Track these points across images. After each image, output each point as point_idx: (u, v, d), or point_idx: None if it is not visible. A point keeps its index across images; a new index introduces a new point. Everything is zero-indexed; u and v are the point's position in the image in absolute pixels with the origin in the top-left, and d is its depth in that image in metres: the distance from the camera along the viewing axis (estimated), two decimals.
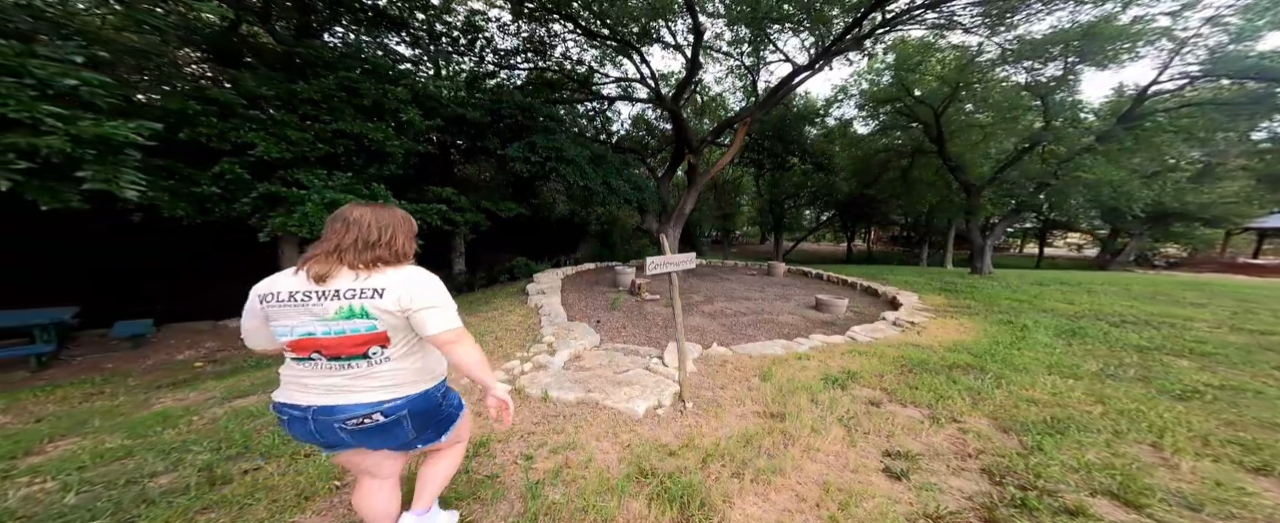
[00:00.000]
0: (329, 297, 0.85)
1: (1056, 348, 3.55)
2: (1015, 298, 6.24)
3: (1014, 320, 4.52)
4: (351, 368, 0.88)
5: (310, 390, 0.89)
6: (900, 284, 8.50)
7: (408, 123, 5.58)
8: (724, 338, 4.67)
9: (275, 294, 0.87)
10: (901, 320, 4.78)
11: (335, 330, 0.85)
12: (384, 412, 0.89)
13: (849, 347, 3.80)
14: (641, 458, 1.84)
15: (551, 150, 6.99)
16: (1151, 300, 6.24)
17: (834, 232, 24.82)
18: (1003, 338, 3.81)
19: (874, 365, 3.13)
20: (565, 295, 7.11)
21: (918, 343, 3.82)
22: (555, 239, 15.35)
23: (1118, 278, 9.81)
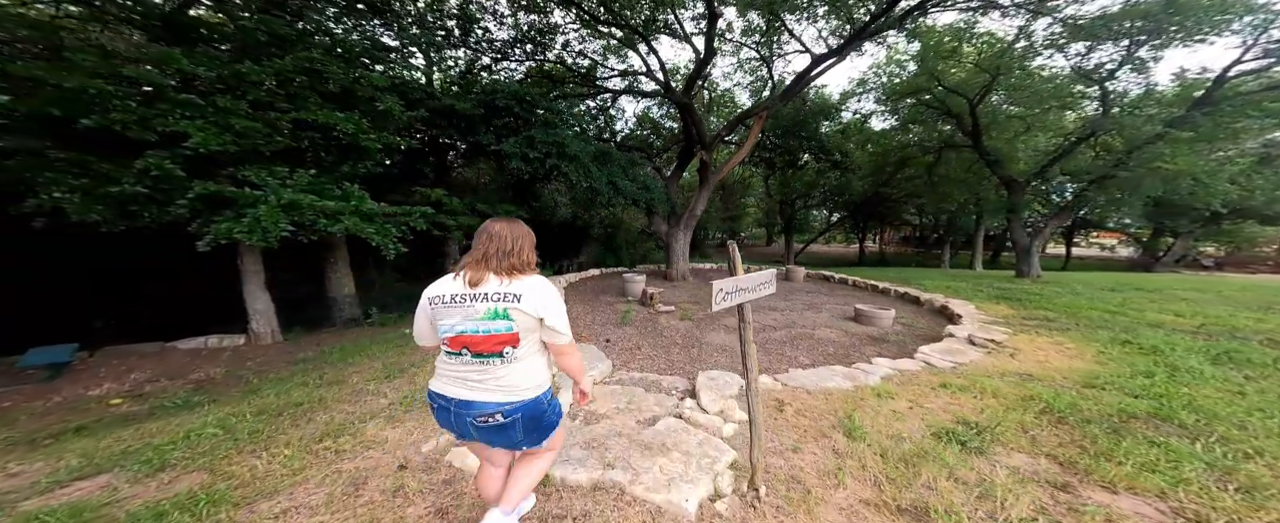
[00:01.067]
0: (479, 299, 1.01)
1: (1235, 382, 2.65)
2: (1100, 308, 5.31)
3: (1132, 339, 3.63)
4: (488, 365, 1.02)
5: (459, 383, 1.04)
6: (941, 290, 7.58)
7: (386, 113, 4.82)
8: (761, 362, 3.81)
9: (441, 296, 1.04)
10: (977, 338, 3.89)
11: (483, 329, 1.00)
12: (504, 413, 1.03)
13: (935, 377, 2.93)
14: None
15: (552, 146, 6.21)
16: (1268, 310, 5.30)
17: (845, 233, 23.90)
18: (1142, 366, 2.92)
19: (997, 410, 2.27)
20: (568, 308, 6.28)
21: (1027, 372, 2.94)
22: (557, 243, 14.58)
23: (1189, 282, 8.84)
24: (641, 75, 9.15)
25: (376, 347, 4.60)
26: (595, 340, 4.57)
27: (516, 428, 1.05)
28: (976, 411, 2.28)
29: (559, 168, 6.27)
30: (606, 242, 16.51)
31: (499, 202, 7.66)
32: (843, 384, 2.83)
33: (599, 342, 4.53)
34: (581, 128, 10.26)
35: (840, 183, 15.75)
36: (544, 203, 13.99)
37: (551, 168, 6.28)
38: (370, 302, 7.06)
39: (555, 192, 13.83)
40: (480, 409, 1.02)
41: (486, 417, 1.02)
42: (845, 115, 13.73)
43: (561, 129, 6.68)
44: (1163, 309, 5.18)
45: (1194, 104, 6.85)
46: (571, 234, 15.60)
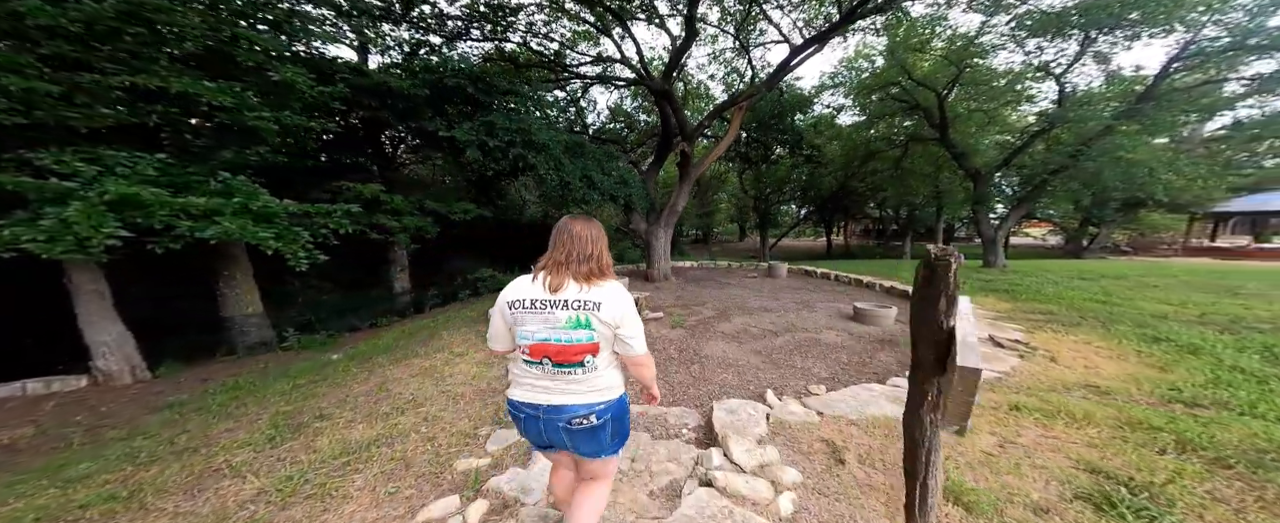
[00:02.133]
0: (561, 306, 0.96)
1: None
2: (1090, 299, 5.30)
3: (1161, 336, 3.42)
4: (571, 374, 0.99)
5: (543, 391, 1.01)
6: None
7: (286, 87, 3.67)
8: (773, 378, 3.25)
9: (521, 301, 1.00)
10: (1000, 338, 3.55)
11: (565, 338, 0.96)
12: (597, 414, 1.00)
13: (996, 395, 2.47)
14: None
15: (516, 134, 5.27)
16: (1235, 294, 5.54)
17: (812, 227, 24.59)
18: (1207, 372, 2.61)
19: (1120, 447, 1.77)
20: None
21: (1090, 383, 2.57)
22: (527, 244, 13.44)
23: (1136, 266, 9.54)
24: (616, 62, 8.35)
25: (280, 383, 3.50)
26: None
27: (607, 430, 1.04)
28: (1091, 446, 1.79)
29: (525, 159, 5.35)
30: None
31: (455, 200, 6.54)
32: (891, 410, 2.27)
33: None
34: (549, 118, 9.29)
35: (811, 178, 15.89)
36: (511, 201, 12.77)
37: (516, 159, 5.34)
38: (289, 320, 5.73)
39: (522, 188, 12.67)
40: (573, 412, 0.99)
41: (582, 419, 1.00)
42: (821, 109, 13.78)
43: (527, 115, 5.74)
44: (1151, 298, 5.27)
45: (1138, 99, 7.30)
46: (542, 234, 14.43)
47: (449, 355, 3.79)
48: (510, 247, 12.46)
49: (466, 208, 6.40)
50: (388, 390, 2.93)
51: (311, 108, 4.39)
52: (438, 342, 4.44)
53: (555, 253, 1.01)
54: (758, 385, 3.16)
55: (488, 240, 11.11)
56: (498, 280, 8.80)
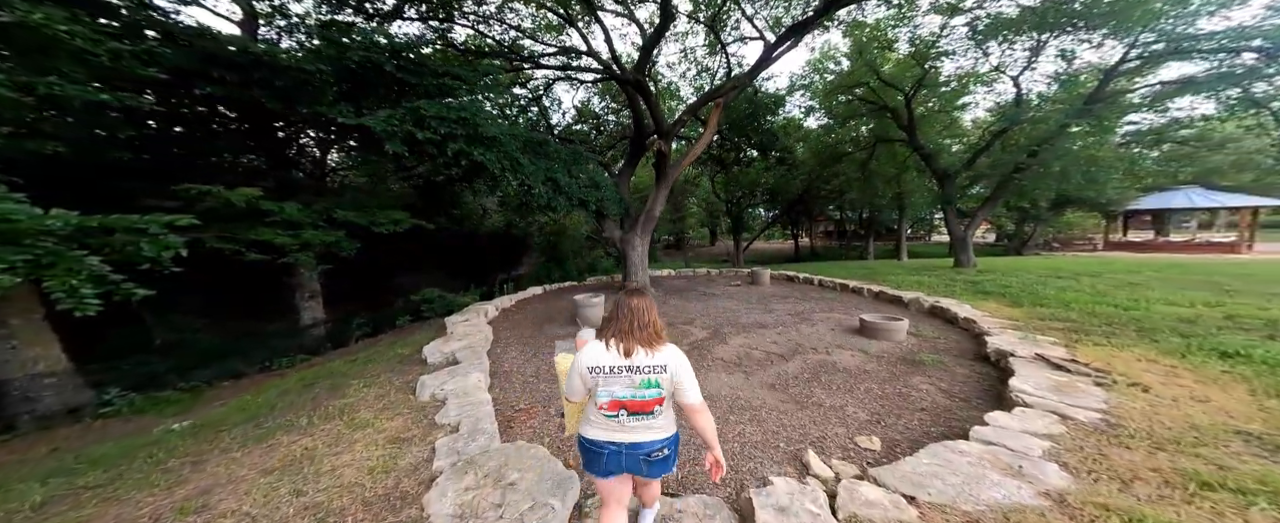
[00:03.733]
0: (635, 371, 1.19)
1: None
2: (1093, 301, 5.11)
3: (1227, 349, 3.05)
4: (645, 419, 1.24)
5: (623, 432, 1.24)
6: (913, 286, 7.30)
7: (46, 38, 2.41)
8: (804, 425, 2.52)
9: (602, 367, 1.21)
10: (1057, 359, 3.03)
11: (639, 395, 1.21)
12: (667, 446, 1.27)
13: (1145, 459, 1.84)
14: None
15: (455, 125, 4.20)
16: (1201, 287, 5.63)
17: (780, 230, 24.97)
18: None
19: None
20: (500, 353, 4.33)
21: (1239, 429, 1.99)
22: (488, 258, 12.03)
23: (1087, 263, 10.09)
24: (583, 54, 7.47)
25: (32, 488, 2.19)
26: (541, 419, 2.80)
27: (672, 457, 1.31)
28: None
29: (469, 156, 4.28)
30: (549, 250, 14.31)
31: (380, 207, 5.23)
32: (1019, 492, 1.54)
33: (553, 421, 2.77)
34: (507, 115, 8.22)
35: (781, 180, 15.90)
36: (468, 210, 11.34)
37: (457, 155, 4.26)
38: (128, 373, 4.17)
39: (479, 196, 11.32)
40: (652, 447, 1.25)
41: (657, 452, 1.25)
42: (792, 111, 13.76)
43: (473, 105, 4.68)
44: (1150, 297, 5.13)
45: (1086, 100, 7.69)
46: (506, 245, 13.12)
47: (346, 426, 2.67)
48: (470, 261, 11.01)
49: (396, 218, 5.12)
50: (206, 509, 1.80)
51: (112, 77, 3.08)
52: (340, 398, 3.26)
53: (620, 323, 1.24)
54: (789, 440, 2.37)
55: (444, 255, 9.65)
56: (448, 302, 7.46)
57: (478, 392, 2.96)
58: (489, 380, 3.45)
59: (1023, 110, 8.53)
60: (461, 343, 4.16)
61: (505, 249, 13.03)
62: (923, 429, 2.39)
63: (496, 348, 4.54)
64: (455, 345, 4.07)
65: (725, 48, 8.51)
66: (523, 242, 13.86)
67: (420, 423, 2.67)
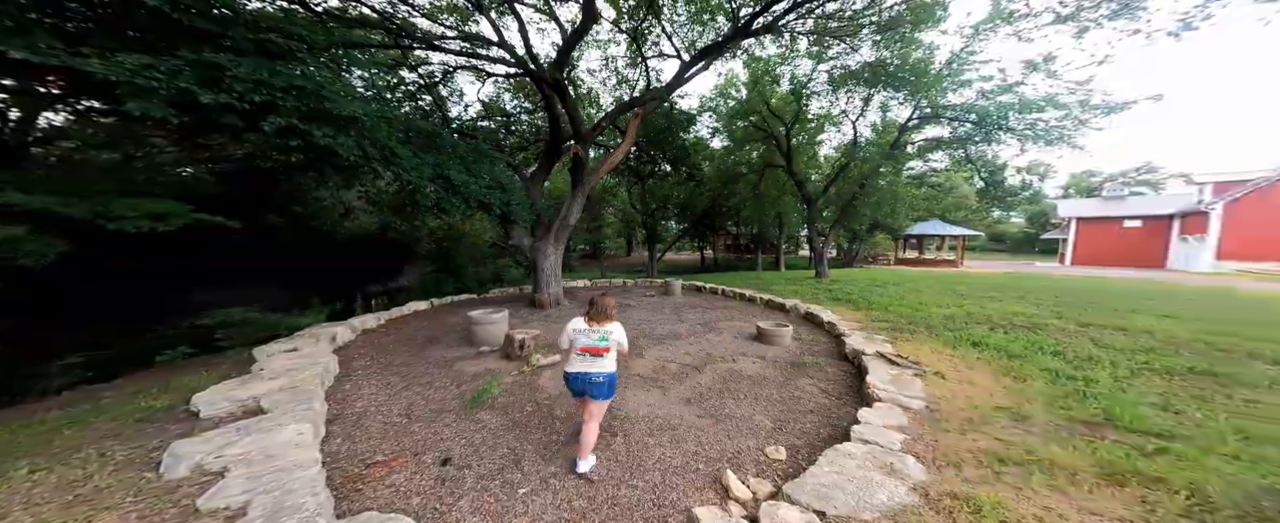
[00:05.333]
0: (595, 332, 2.25)
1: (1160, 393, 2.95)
2: (899, 304, 6.83)
3: (978, 340, 4.35)
4: (597, 361, 2.24)
5: (586, 365, 2.24)
6: (791, 295, 8.67)
7: None
8: (720, 441, 2.61)
9: (581, 330, 2.27)
10: (893, 355, 3.87)
11: (596, 344, 2.23)
12: (605, 376, 2.23)
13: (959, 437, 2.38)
14: None
15: (282, 93, 3.12)
16: (950, 293, 8.14)
17: (690, 242, 27.23)
18: (1045, 378, 3.25)
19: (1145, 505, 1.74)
20: (350, 390, 3.39)
21: (1000, 406, 2.79)
22: (354, 266, 9.53)
23: (889, 274, 13.71)
24: (493, 45, 6.66)
25: None
26: (409, 488, 2.21)
27: (606, 385, 2.24)
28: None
29: (308, 138, 3.25)
30: (440, 259, 12.27)
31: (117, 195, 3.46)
32: (903, 495, 1.83)
33: (428, 474, 2.21)
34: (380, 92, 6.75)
35: (691, 195, 17.36)
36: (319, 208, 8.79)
37: (284, 134, 3.19)
38: None
39: (336, 190, 8.99)
40: (597, 376, 2.22)
41: (600, 379, 2.22)
42: (702, 131, 15.10)
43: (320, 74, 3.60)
44: (927, 301, 7.11)
45: (893, 145, 10.70)
46: (380, 253, 10.67)
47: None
48: (323, 273, 8.46)
49: (156, 211, 3.43)
50: None
51: None
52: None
53: (593, 309, 2.30)
54: (707, 459, 2.39)
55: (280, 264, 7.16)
56: (266, 325, 5.53)
57: (291, 451, 2.17)
58: (321, 431, 2.61)
59: (857, 150, 11.34)
60: (274, 383, 3.11)
61: (378, 257, 10.59)
62: (815, 431, 2.72)
63: (346, 384, 3.55)
64: (263, 387, 3.00)
65: (646, 61, 8.82)
66: (405, 248, 11.53)
67: (164, 513, 1.75)
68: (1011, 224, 37.18)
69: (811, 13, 7.11)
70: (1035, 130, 8.54)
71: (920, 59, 8.64)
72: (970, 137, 9.74)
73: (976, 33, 8.07)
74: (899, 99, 10.05)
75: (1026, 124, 8.62)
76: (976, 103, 9.04)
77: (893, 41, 8.12)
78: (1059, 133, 8.39)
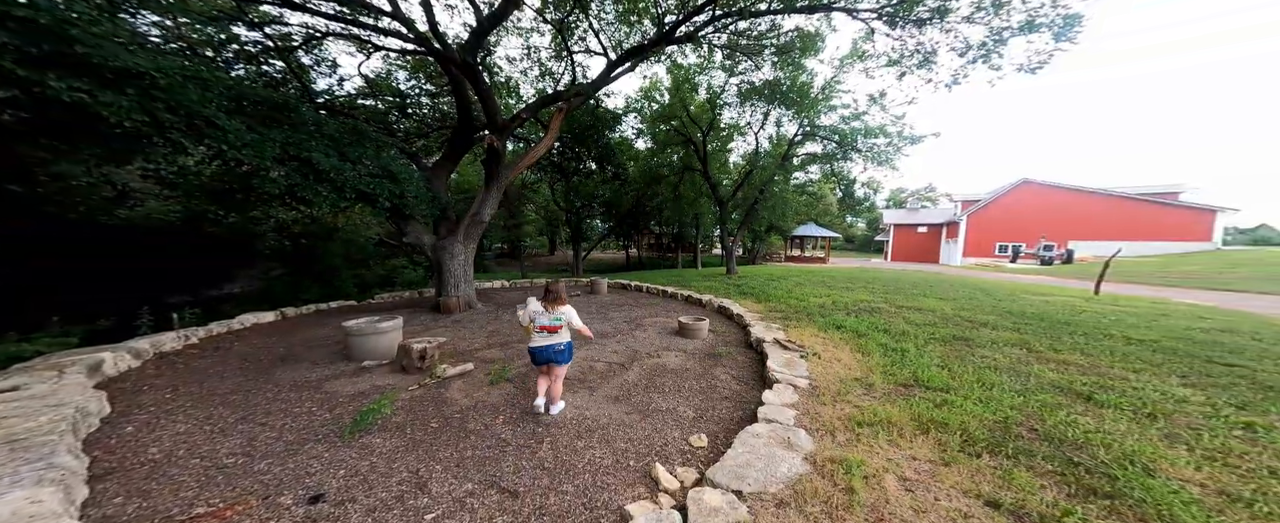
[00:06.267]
0: (551, 313, 2.80)
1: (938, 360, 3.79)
2: (788, 296, 8.00)
3: (838, 324, 5.32)
4: (553, 337, 2.79)
5: (545, 340, 2.79)
6: (706, 290, 9.47)
7: None
8: (648, 436, 2.72)
9: (539, 311, 2.82)
10: (784, 341, 4.52)
11: (552, 323, 2.79)
12: (561, 346, 2.81)
13: (833, 407, 2.88)
14: None
15: None
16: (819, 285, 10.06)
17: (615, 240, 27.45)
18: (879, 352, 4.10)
19: (947, 451, 2.28)
20: (144, 434, 2.68)
21: (857, 377, 3.44)
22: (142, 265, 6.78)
23: (782, 270, 16.17)
24: (384, 15, 5.50)
25: None
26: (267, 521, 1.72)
27: (566, 352, 2.83)
28: (942, 461, 2.17)
29: (37, 86, 2.24)
30: (302, 260, 9.75)
31: None
32: (799, 465, 2.13)
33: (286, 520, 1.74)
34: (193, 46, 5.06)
35: (615, 195, 17.52)
36: (73, 188, 5.99)
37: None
38: None
39: (101, 167, 6.41)
40: (557, 346, 2.78)
41: (561, 348, 2.79)
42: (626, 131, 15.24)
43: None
44: (804, 293, 8.55)
45: (783, 158, 12.73)
46: (190, 250, 7.92)
47: None
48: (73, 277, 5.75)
49: None
50: None
51: None
52: None
53: (548, 296, 2.82)
54: (638, 455, 2.42)
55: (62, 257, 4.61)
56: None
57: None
58: (78, 492, 1.88)
59: (759, 158, 13.09)
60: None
61: (183, 257, 7.82)
62: (730, 416, 2.99)
63: (126, 426, 2.71)
64: None
65: (572, 55, 8.50)
66: (236, 246, 8.79)
67: None
68: (858, 229, 47.99)
69: (726, 29, 7.81)
70: (873, 152, 11.20)
71: (804, 82, 10.43)
72: (834, 154, 12.22)
73: (842, 65, 9.99)
74: (789, 116, 11.96)
75: (868, 146, 11.23)
76: (839, 126, 11.41)
77: (786, 65, 9.49)
78: (885, 156, 11.15)
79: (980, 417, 2.68)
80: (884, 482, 1.99)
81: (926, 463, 2.19)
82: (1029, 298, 7.70)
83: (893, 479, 2.02)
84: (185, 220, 7.95)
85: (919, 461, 2.21)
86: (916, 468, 2.14)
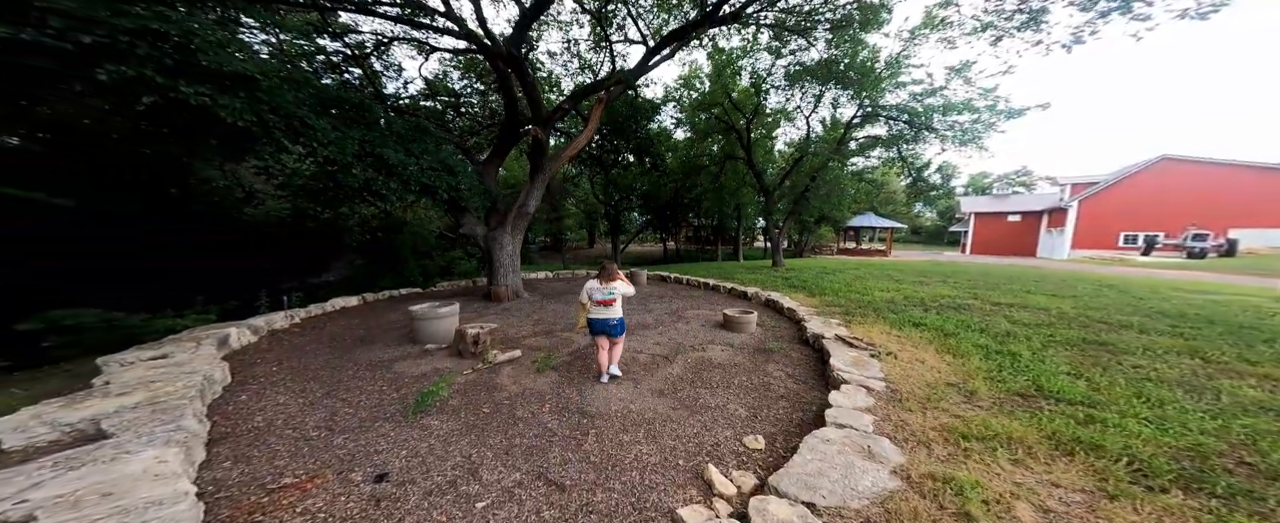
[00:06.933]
0: (605, 290, 3.23)
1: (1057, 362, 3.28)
2: (847, 290, 7.28)
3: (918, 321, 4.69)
4: (609, 310, 3.25)
5: (604, 313, 3.25)
6: (752, 283, 8.98)
7: None
8: (697, 433, 2.51)
9: (596, 287, 3.25)
10: (849, 337, 4.05)
11: (607, 297, 3.23)
12: (618, 320, 3.30)
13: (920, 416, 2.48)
14: None
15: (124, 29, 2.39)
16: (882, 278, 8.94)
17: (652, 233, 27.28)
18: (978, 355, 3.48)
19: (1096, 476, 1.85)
20: (249, 401, 2.86)
21: (949, 382, 2.96)
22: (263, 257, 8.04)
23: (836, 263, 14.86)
24: (438, 15, 5.80)
25: None
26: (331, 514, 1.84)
27: (618, 325, 3.28)
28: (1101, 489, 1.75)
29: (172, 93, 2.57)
30: (381, 251, 10.91)
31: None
32: (886, 479, 1.84)
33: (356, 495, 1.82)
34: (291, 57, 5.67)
35: (655, 185, 17.28)
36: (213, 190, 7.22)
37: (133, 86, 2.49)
38: None
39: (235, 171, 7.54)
40: (612, 320, 3.24)
41: (614, 321, 3.25)
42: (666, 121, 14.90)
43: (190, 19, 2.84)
44: (868, 287, 7.67)
45: (839, 142, 11.51)
46: (298, 243, 9.17)
47: None
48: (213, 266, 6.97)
49: None
50: None
51: None
52: None
53: (603, 275, 3.26)
54: (686, 453, 2.27)
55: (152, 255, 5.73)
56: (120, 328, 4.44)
57: (146, 486, 1.61)
58: (198, 455, 2.12)
59: (810, 143, 11.99)
60: (124, 400, 2.43)
61: (293, 249, 9.08)
62: (788, 417, 2.71)
63: (241, 395, 2.97)
64: (107, 405, 2.36)
65: (610, 45, 8.39)
66: (330, 240, 10.03)
67: None
68: (926, 218, 42.59)
69: (773, 5, 7.18)
70: (955, 131, 9.62)
71: (865, 59, 9.27)
72: (902, 135, 10.75)
73: (913, 37, 8.74)
74: (847, 97, 10.74)
75: (948, 125, 9.67)
76: (908, 104, 9.97)
77: (842, 41, 8.55)
78: (972, 134, 9.53)
79: (1156, 441, 2.15)
80: (1016, 512, 1.63)
81: (1077, 493, 1.77)
82: (1184, 296, 6.33)
83: (1028, 510, 1.65)
84: (293, 217, 9.25)
85: (1065, 489, 1.80)
86: (1063, 499, 1.74)
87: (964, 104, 9.24)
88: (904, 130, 10.49)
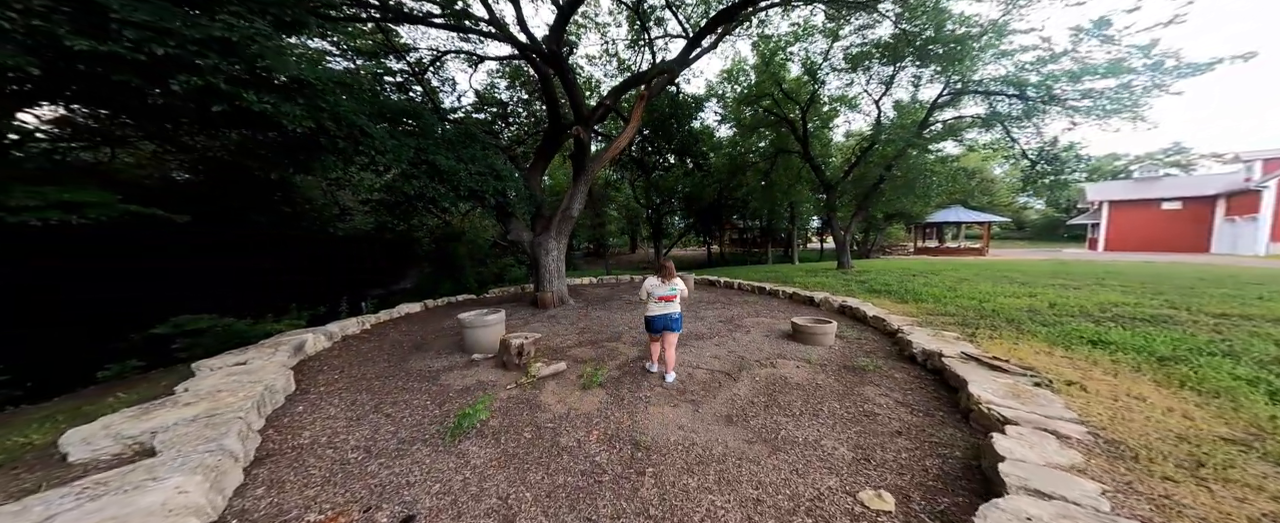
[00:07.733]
0: (667, 286, 3.31)
1: None
2: (950, 295, 5.96)
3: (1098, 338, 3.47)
4: (669, 305, 3.30)
5: (664, 309, 3.29)
6: (812, 286, 7.88)
7: None
8: (783, 480, 1.90)
9: (656, 283, 3.33)
10: (980, 358, 3.10)
11: (667, 293, 3.29)
12: (678, 315, 3.33)
13: (1183, 495, 1.61)
14: None
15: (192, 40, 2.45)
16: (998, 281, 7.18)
17: (695, 237, 26.33)
18: (1238, 394, 2.35)
19: None
20: (304, 412, 2.79)
21: (1218, 435, 1.98)
22: (351, 268, 8.97)
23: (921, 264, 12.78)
24: (483, 21, 5.91)
25: None
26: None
27: (678, 320, 3.32)
28: None
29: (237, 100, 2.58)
30: (441, 259, 11.67)
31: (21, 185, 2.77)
32: None
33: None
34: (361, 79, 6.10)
35: (698, 186, 16.50)
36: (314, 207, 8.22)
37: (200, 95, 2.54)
38: None
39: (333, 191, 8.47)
40: (674, 315, 3.29)
41: (675, 316, 3.30)
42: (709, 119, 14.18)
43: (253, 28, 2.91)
44: (986, 292, 6.24)
45: (920, 125, 9.77)
46: (379, 252, 10.11)
47: None
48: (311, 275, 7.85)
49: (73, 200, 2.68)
50: None
51: None
52: None
53: (662, 272, 3.35)
54: (778, 512, 1.71)
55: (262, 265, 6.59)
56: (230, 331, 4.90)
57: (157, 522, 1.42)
58: (231, 479, 1.92)
59: (881, 130, 10.34)
60: (188, 411, 2.37)
61: (376, 258, 10.04)
62: (918, 464, 1.98)
63: (298, 405, 2.91)
64: (169, 416, 2.29)
65: (650, 42, 8.06)
66: (404, 249, 10.96)
67: None
68: (1033, 211, 35.43)
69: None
70: (1094, 101, 7.48)
71: (953, 29, 7.68)
72: (1007, 114, 8.76)
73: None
74: (928, 74, 9.08)
75: (1080, 93, 7.59)
76: (1016, 75, 8.06)
77: (919, 12, 7.18)
78: (1123, 102, 7.31)
79: None
80: None
81: None
82: None
83: None
84: (374, 230, 10.28)
85: None
86: None
87: (1109, 66, 7.13)
88: (1013, 106, 8.53)
